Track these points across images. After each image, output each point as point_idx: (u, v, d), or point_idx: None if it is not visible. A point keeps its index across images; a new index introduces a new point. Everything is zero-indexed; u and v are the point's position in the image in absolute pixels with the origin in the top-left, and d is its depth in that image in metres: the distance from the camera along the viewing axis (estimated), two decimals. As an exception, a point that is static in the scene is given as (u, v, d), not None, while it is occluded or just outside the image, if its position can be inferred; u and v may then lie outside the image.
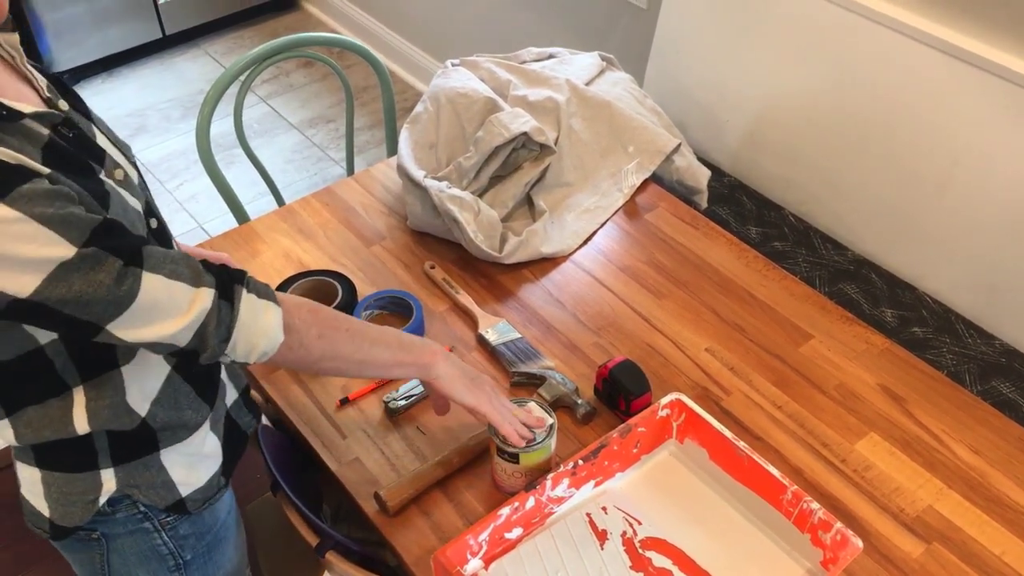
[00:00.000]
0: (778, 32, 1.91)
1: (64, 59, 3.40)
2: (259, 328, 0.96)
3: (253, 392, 1.44)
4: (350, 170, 2.12)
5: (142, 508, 1.10)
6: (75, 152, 0.91)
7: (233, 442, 1.20)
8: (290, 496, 1.24)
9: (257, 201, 3.01)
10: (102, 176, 0.93)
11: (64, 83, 1.01)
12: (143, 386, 1.04)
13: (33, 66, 0.98)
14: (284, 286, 1.47)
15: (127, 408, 1.03)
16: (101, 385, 1.00)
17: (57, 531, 1.09)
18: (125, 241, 0.87)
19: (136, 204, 0.98)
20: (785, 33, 1.90)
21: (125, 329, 0.88)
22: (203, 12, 3.69)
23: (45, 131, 0.88)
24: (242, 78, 1.89)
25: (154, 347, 0.92)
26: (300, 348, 1.01)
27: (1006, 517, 1.25)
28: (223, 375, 1.19)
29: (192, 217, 2.99)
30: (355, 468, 1.28)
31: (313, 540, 1.24)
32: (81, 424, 1.01)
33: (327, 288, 1.50)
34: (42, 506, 1.07)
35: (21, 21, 3.26)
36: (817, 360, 1.45)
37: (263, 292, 0.98)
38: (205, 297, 0.92)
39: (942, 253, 1.77)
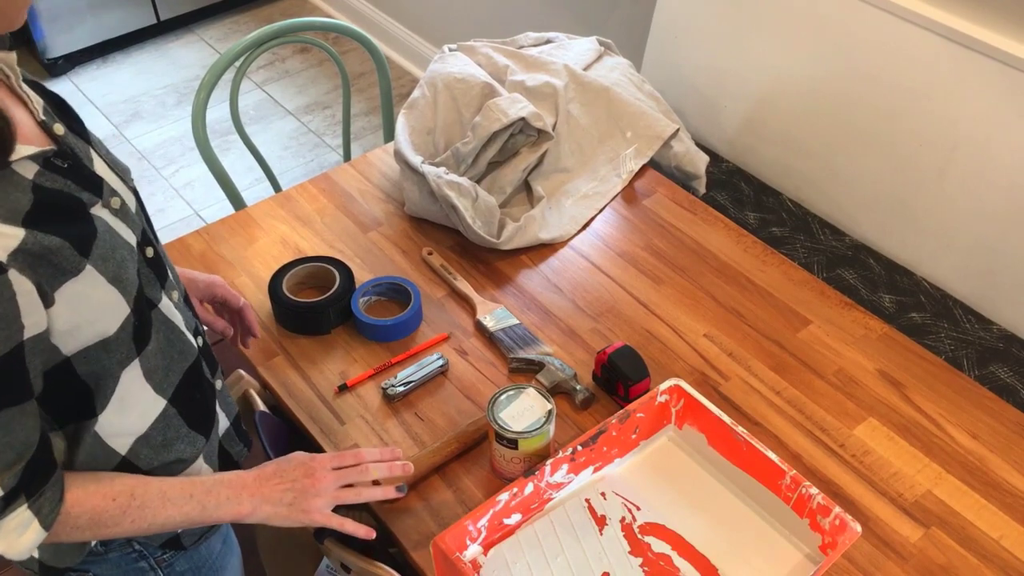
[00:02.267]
0: (777, 17, 1.90)
1: (58, 45, 3.38)
2: (10, 541, 0.90)
3: (250, 389, 1.43)
4: (347, 156, 2.11)
5: (136, 547, 1.07)
6: (64, 191, 0.86)
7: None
8: (289, 482, 1.24)
9: (254, 187, 3.00)
10: (94, 210, 0.88)
11: (63, 103, 0.96)
12: (124, 424, 0.99)
13: (31, 84, 0.94)
14: (281, 273, 1.47)
15: (104, 447, 0.98)
16: (77, 431, 0.96)
17: (48, 572, 1.05)
18: None
19: (130, 236, 0.93)
20: (784, 18, 1.89)
21: None
22: (198, -3, 3.67)
23: (30, 176, 0.83)
24: (238, 64, 1.89)
25: None
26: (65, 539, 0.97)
27: (1004, 501, 1.25)
28: (216, 405, 1.14)
29: (188, 204, 2.98)
30: (354, 454, 1.28)
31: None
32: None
33: (324, 274, 1.49)
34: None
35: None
36: (815, 345, 1.45)
37: (45, 512, 0.90)
38: None
39: (940, 238, 1.77)
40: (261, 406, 1.37)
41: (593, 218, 1.68)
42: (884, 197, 1.84)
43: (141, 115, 3.31)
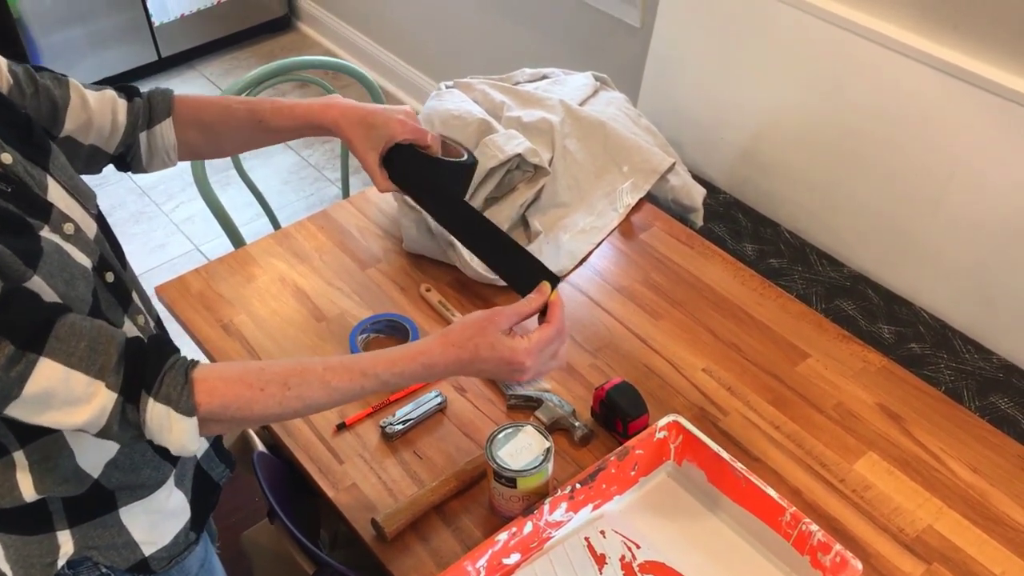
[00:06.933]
0: (772, 49, 1.91)
1: (60, 82, 3.41)
2: (168, 440, 0.90)
3: (248, 429, 1.43)
4: (346, 191, 2.12)
5: (103, 570, 1.07)
6: (8, 209, 0.86)
7: (204, 495, 1.17)
8: (287, 525, 1.23)
9: (254, 222, 3.01)
10: (43, 232, 0.89)
11: (29, 127, 0.96)
12: (97, 447, 1.00)
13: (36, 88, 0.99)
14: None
15: (77, 472, 0.99)
16: (44, 448, 0.96)
17: None
18: (25, 319, 0.82)
19: (85, 260, 0.94)
20: (779, 50, 1.90)
21: (22, 414, 0.84)
22: (199, 34, 3.70)
23: None
24: (237, 102, 1.90)
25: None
26: (234, 428, 0.97)
27: (1006, 536, 1.24)
28: None
29: (188, 239, 2.99)
30: (352, 494, 1.28)
31: (310, 569, 1.23)
32: (27, 490, 0.97)
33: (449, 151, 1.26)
34: (5, 567, 1.05)
35: (16, 44, 3.27)
36: (814, 379, 1.45)
37: (175, 397, 0.89)
38: (104, 397, 0.86)
39: (938, 268, 1.77)
40: (259, 446, 1.37)
41: (590, 253, 1.68)
42: (882, 227, 1.84)
43: (142, 151, 3.33)
